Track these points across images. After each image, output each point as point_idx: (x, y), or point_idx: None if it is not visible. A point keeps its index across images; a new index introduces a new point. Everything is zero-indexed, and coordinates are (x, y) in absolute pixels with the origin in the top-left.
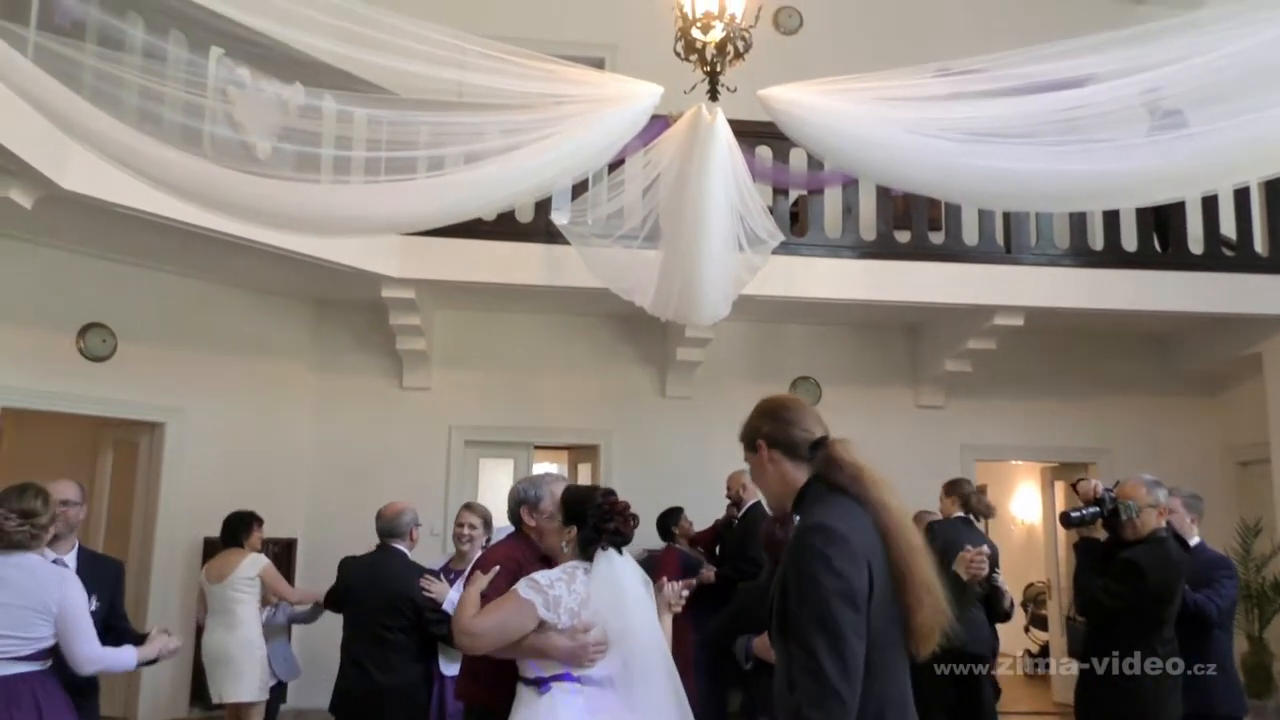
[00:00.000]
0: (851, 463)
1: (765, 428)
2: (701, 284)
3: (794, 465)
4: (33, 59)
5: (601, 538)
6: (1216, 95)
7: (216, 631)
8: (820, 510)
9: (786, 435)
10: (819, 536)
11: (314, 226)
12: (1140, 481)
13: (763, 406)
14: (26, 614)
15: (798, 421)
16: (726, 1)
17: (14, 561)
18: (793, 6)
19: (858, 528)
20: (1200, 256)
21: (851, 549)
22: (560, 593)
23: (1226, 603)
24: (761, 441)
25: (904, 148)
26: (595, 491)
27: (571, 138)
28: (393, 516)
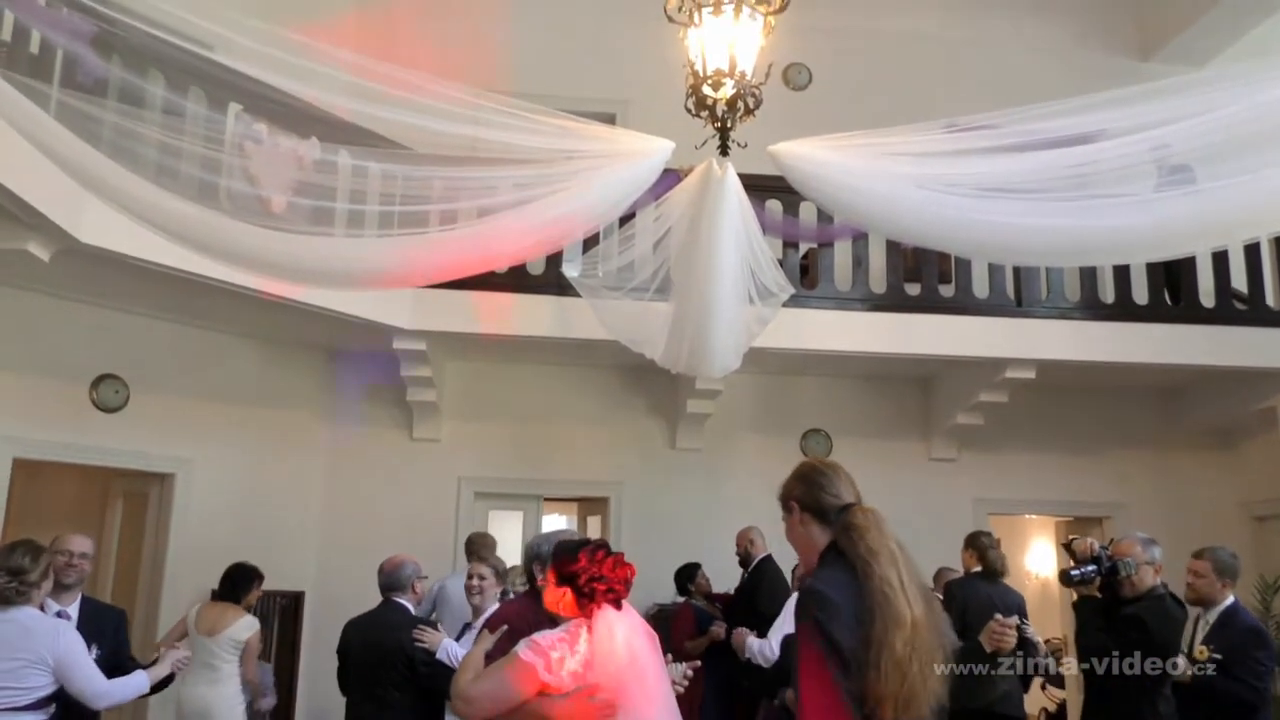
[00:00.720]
0: (862, 529)
1: (798, 491)
2: (712, 337)
3: (821, 529)
4: (55, 115)
5: (595, 597)
6: (1225, 152)
7: (199, 686)
8: (823, 575)
9: (816, 500)
10: (812, 601)
11: (328, 280)
12: (1135, 540)
13: (799, 470)
14: (21, 666)
15: (828, 487)
16: (737, 59)
17: (7, 617)
18: (802, 63)
19: (854, 593)
20: (1212, 310)
21: (842, 614)
22: (562, 654)
23: (1264, 682)
24: (794, 503)
25: (913, 203)
26: (583, 549)
27: (584, 192)
28: (393, 570)
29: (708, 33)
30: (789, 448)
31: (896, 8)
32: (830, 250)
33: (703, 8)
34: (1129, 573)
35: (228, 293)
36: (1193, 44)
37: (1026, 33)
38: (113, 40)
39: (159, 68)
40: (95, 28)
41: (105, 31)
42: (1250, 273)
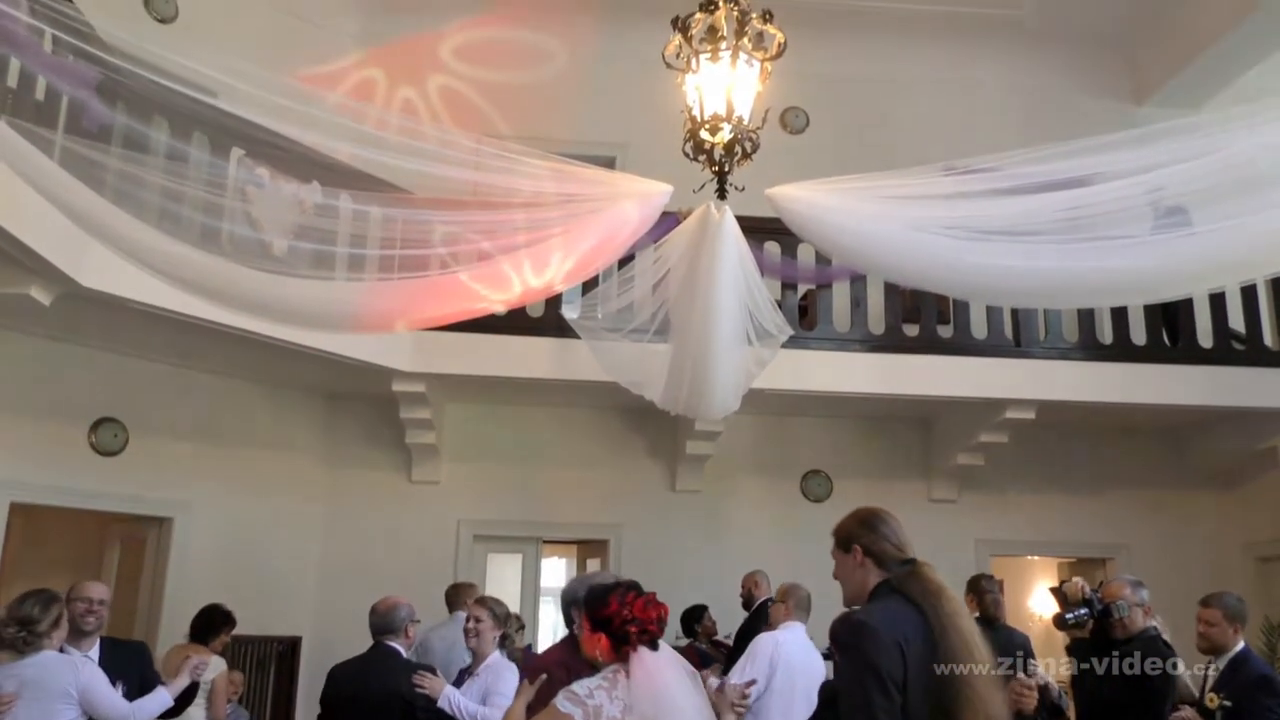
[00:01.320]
0: (934, 582)
1: (865, 538)
2: (711, 378)
3: (877, 572)
4: (59, 161)
5: (630, 640)
6: (1220, 195)
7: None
8: (868, 609)
9: (881, 548)
10: (852, 630)
11: (328, 323)
12: (1124, 582)
13: (863, 515)
14: (50, 704)
15: (891, 537)
16: (734, 104)
17: (27, 662)
18: (799, 107)
19: (894, 620)
20: (1210, 350)
21: (880, 638)
22: (600, 701)
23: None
24: (858, 547)
25: (909, 245)
26: (614, 592)
27: (583, 235)
28: (387, 611)
29: (705, 79)
30: (789, 489)
31: (891, 53)
32: (828, 291)
33: (700, 55)
34: (1121, 615)
35: (227, 336)
36: (1185, 89)
37: (1021, 78)
38: (117, 87)
39: (163, 113)
40: (100, 75)
41: (110, 79)
42: (1247, 313)
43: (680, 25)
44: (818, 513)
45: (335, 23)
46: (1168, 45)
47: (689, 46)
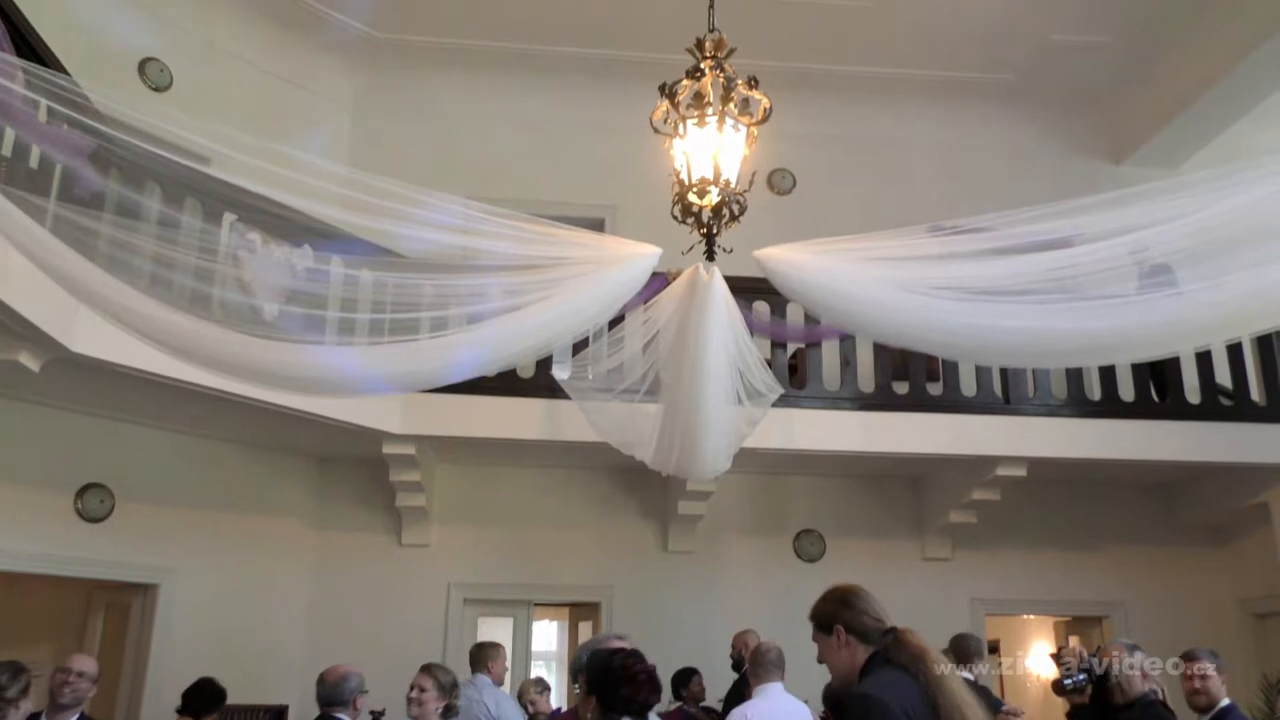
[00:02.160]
0: (917, 646)
1: (844, 616)
2: (702, 438)
3: (863, 649)
4: (51, 228)
5: (617, 706)
6: (1203, 254)
7: None
8: (868, 681)
9: (861, 623)
10: (862, 707)
11: (319, 388)
12: (1121, 646)
13: (838, 595)
14: None
15: (869, 610)
16: (721, 168)
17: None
18: (786, 169)
19: (898, 692)
20: (1198, 406)
21: (890, 710)
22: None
23: None
24: (840, 627)
25: (897, 306)
26: (615, 656)
27: (573, 298)
28: (336, 682)
29: (692, 143)
30: (781, 548)
31: (876, 115)
32: (818, 350)
33: (687, 120)
34: (1120, 678)
35: (216, 399)
36: (1163, 148)
37: (1004, 138)
38: (110, 155)
39: (156, 180)
40: (94, 144)
41: (104, 148)
42: (1234, 369)
43: (668, 91)
44: (811, 573)
45: (328, 88)
46: (1146, 107)
47: (676, 112)
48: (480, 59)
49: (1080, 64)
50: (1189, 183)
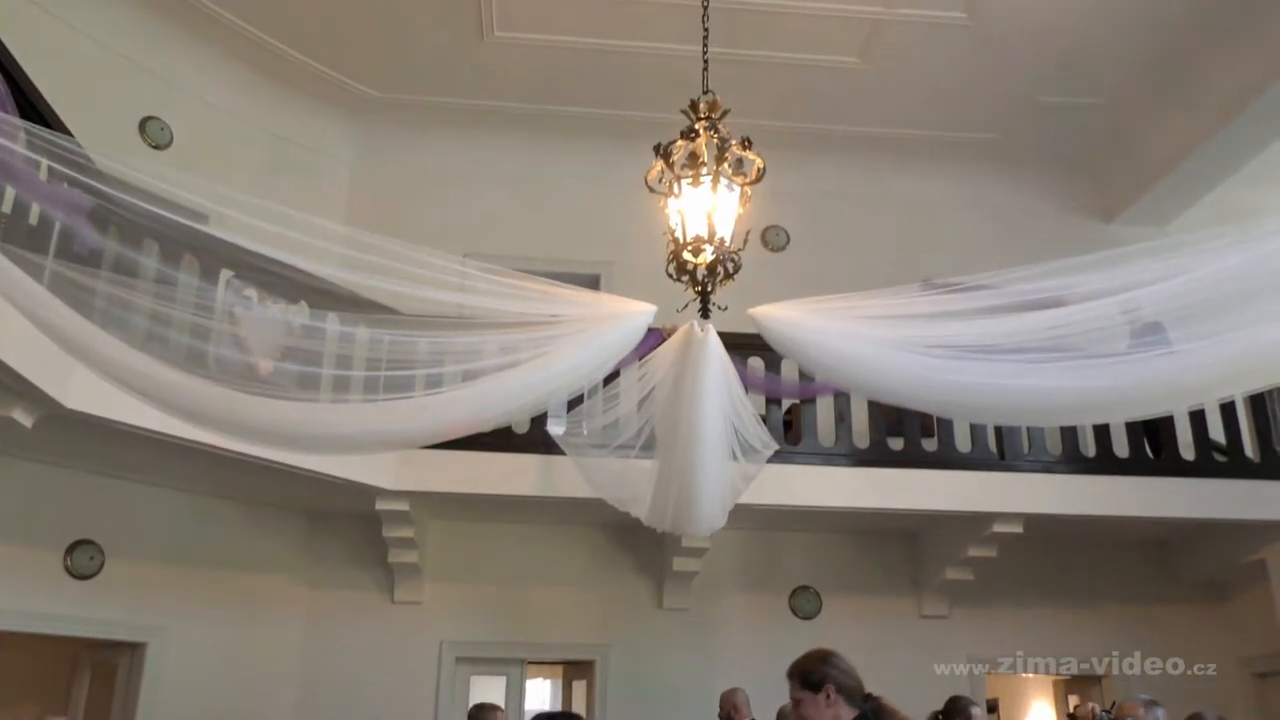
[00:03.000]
0: (899, 714)
1: (834, 674)
2: (697, 494)
3: (847, 708)
4: (48, 285)
5: None
6: (1195, 314)
7: None
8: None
9: (848, 684)
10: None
11: (313, 446)
12: (1138, 702)
13: (825, 654)
14: None
15: (852, 673)
16: (716, 226)
17: None
18: (780, 225)
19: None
20: (1192, 463)
21: None
22: None
23: None
24: (830, 685)
25: (890, 364)
26: None
27: (568, 355)
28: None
29: (687, 202)
30: (778, 605)
31: (869, 173)
32: (813, 406)
33: (682, 179)
34: None
35: (208, 455)
36: (1152, 207)
37: (995, 196)
38: (109, 213)
39: (154, 237)
40: (94, 202)
41: (102, 206)
42: (1227, 426)
43: (663, 152)
44: (807, 630)
45: (327, 146)
46: (1134, 167)
47: (671, 172)
48: (477, 118)
49: (1068, 125)
50: (1180, 243)
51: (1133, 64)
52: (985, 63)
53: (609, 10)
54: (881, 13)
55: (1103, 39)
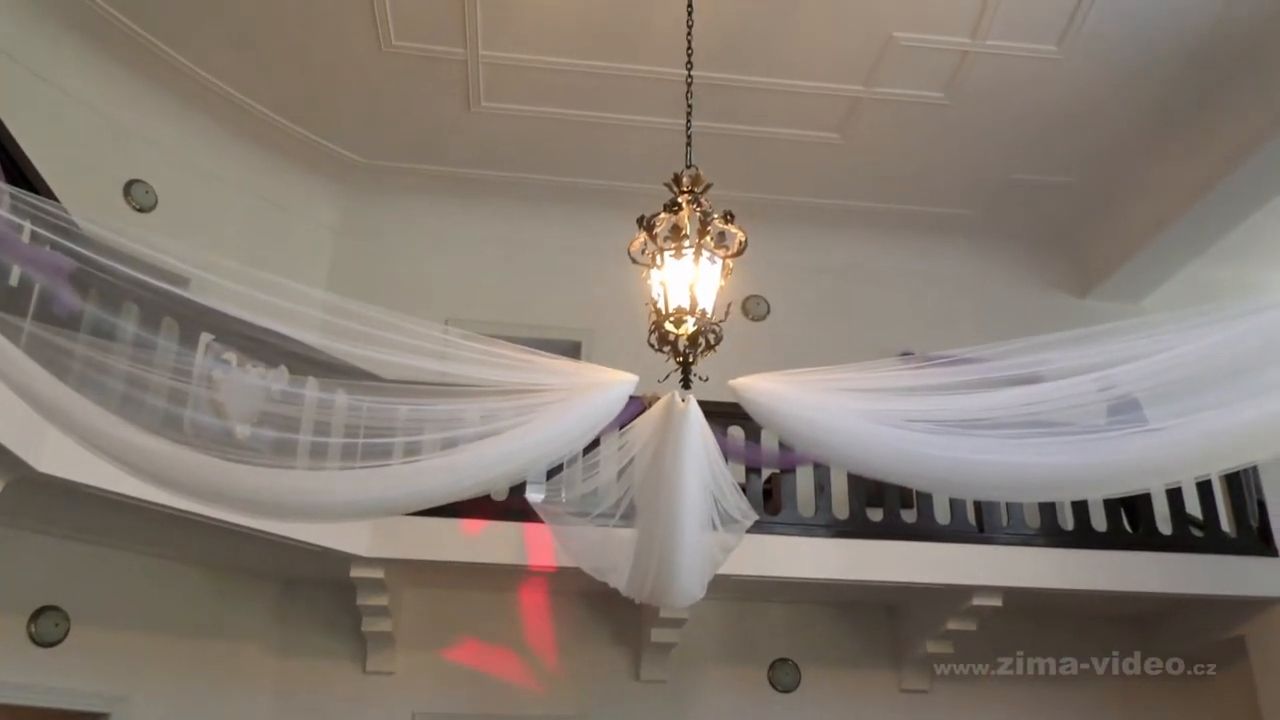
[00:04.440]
0: None
1: None
2: (677, 565)
3: None
4: (25, 347)
5: None
6: (1172, 392)
7: None
8: None
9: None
10: None
11: (288, 514)
12: None
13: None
14: None
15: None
16: (697, 298)
17: None
18: (761, 295)
19: None
20: (1170, 537)
21: None
22: None
23: None
24: None
25: (869, 438)
26: None
27: (548, 425)
28: None
29: (669, 274)
30: (757, 677)
31: (849, 245)
32: (792, 476)
33: (664, 251)
34: None
35: (179, 520)
36: (1126, 283)
37: (972, 270)
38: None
39: (134, 299)
40: (75, 265)
41: (83, 270)
42: (1203, 500)
43: (645, 224)
44: (786, 704)
45: (311, 210)
46: (1107, 244)
47: (654, 244)
48: (462, 185)
49: (1042, 202)
50: (1156, 321)
51: (1102, 146)
52: (961, 141)
53: (594, 83)
54: (861, 91)
55: (1074, 122)
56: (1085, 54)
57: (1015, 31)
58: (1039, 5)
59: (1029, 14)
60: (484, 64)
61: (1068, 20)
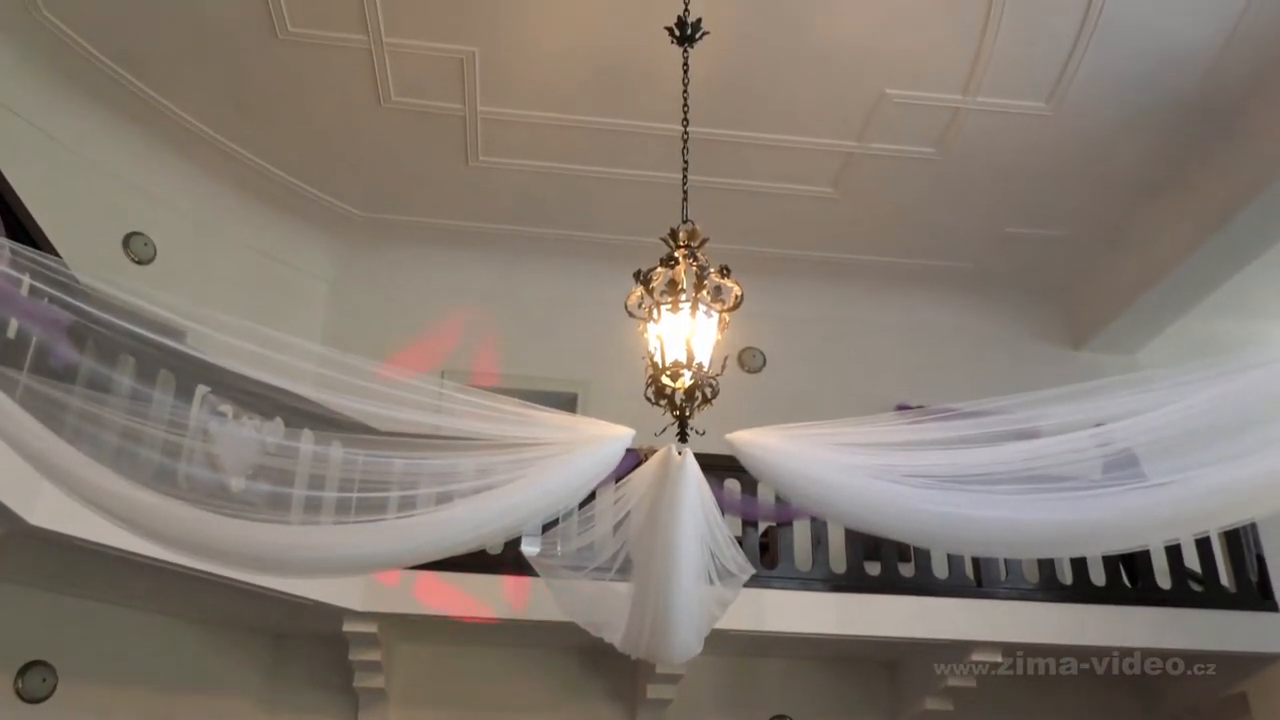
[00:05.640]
0: None
1: None
2: (673, 620)
3: None
4: (20, 399)
5: None
6: (1168, 448)
7: None
8: None
9: None
10: None
11: (283, 568)
12: None
13: None
14: None
15: None
16: (694, 352)
17: None
18: (757, 347)
19: None
20: (1169, 592)
21: None
22: None
23: None
24: None
25: (866, 493)
26: None
27: (544, 479)
28: None
29: (666, 328)
30: None
31: (845, 297)
32: (790, 529)
33: (661, 305)
34: None
35: (170, 573)
36: (1120, 336)
37: (964, 321)
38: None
39: (130, 352)
40: (72, 318)
41: (80, 324)
42: (1202, 554)
43: (642, 279)
44: None
45: (309, 264)
46: (1100, 296)
47: (650, 298)
48: (458, 237)
49: (1035, 254)
50: (1154, 376)
51: (1094, 200)
52: (954, 195)
53: (591, 138)
54: (855, 147)
55: (1065, 176)
56: (1074, 111)
57: (1005, 89)
58: (1028, 63)
59: (1018, 72)
60: (482, 119)
61: (1056, 78)
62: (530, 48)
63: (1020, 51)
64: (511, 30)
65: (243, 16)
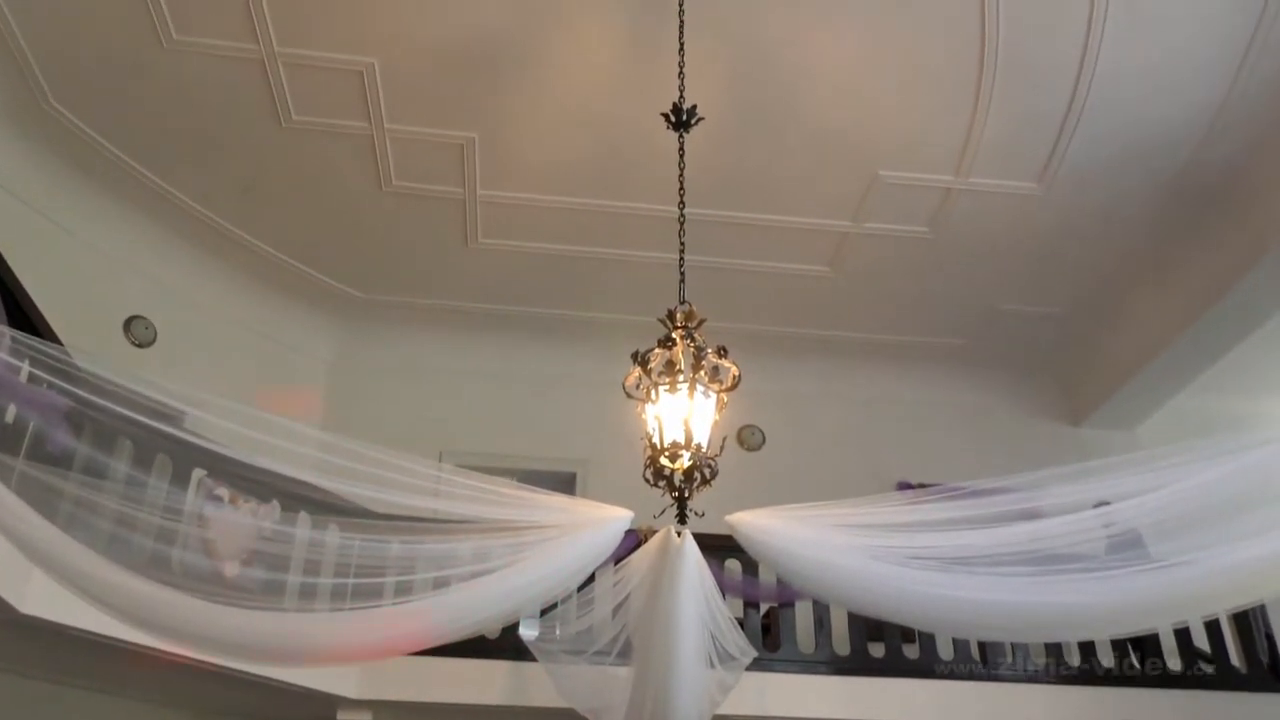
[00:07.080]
0: None
1: None
2: (674, 705)
3: None
4: (15, 486)
5: None
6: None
7: None
8: None
9: None
10: None
11: (276, 658)
12: None
13: None
14: None
15: None
16: (693, 432)
17: None
18: (756, 425)
19: None
20: (1179, 675)
21: None
22: None
23: None
24: None
25: (868, 575)
26: None
27: (543, 562)
28: None
29: (664, 408)
30: None
31: (844, 374)
32: (791, 610)
33: (659, 386)
34: None
35: (164, 662)
36: (1118, 412)
37: (962, 398)
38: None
39: (128, 438)
40: (70, 404)
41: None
42: (1211, 634)
43: (640, 359)
44: None
45: (308, 345)
46: (1097, 373)
47: (648, 379)
48: (457, 317)
49: (1031, 331)
50: (1158, 455)
51: (1087, 278)
52: (948, 273)
53: (589, 220)
54: (850, 226)
55: (1058, 254)
56: (1065, 190)
57: (996, 169)
58: (1018, 145)
59: (1009, 153)
60: (482, 202)
61: (1047, 158)
62: (529, 133)
63: (1010, 134)
64: (510, 116)
65: (248, 105)
